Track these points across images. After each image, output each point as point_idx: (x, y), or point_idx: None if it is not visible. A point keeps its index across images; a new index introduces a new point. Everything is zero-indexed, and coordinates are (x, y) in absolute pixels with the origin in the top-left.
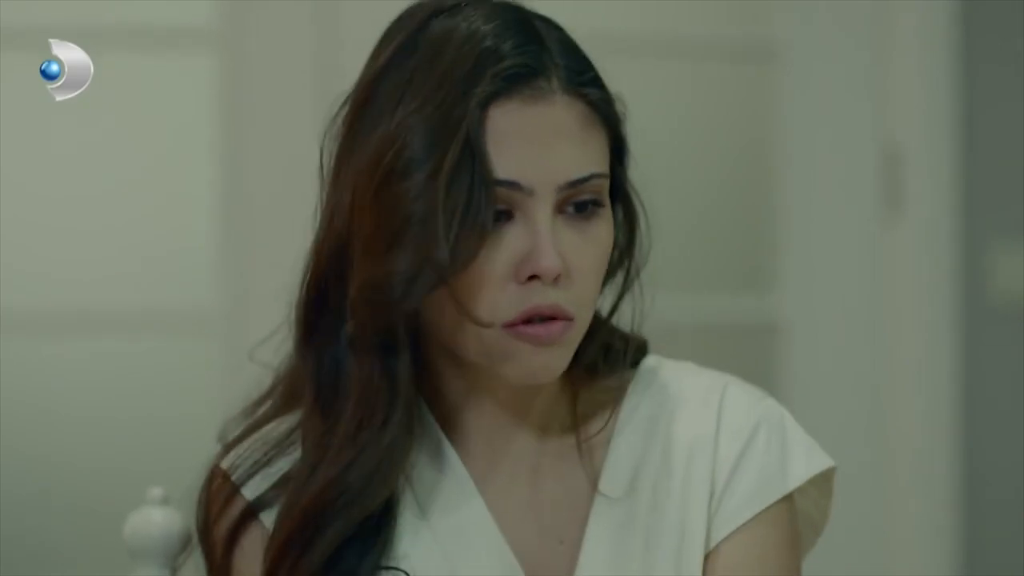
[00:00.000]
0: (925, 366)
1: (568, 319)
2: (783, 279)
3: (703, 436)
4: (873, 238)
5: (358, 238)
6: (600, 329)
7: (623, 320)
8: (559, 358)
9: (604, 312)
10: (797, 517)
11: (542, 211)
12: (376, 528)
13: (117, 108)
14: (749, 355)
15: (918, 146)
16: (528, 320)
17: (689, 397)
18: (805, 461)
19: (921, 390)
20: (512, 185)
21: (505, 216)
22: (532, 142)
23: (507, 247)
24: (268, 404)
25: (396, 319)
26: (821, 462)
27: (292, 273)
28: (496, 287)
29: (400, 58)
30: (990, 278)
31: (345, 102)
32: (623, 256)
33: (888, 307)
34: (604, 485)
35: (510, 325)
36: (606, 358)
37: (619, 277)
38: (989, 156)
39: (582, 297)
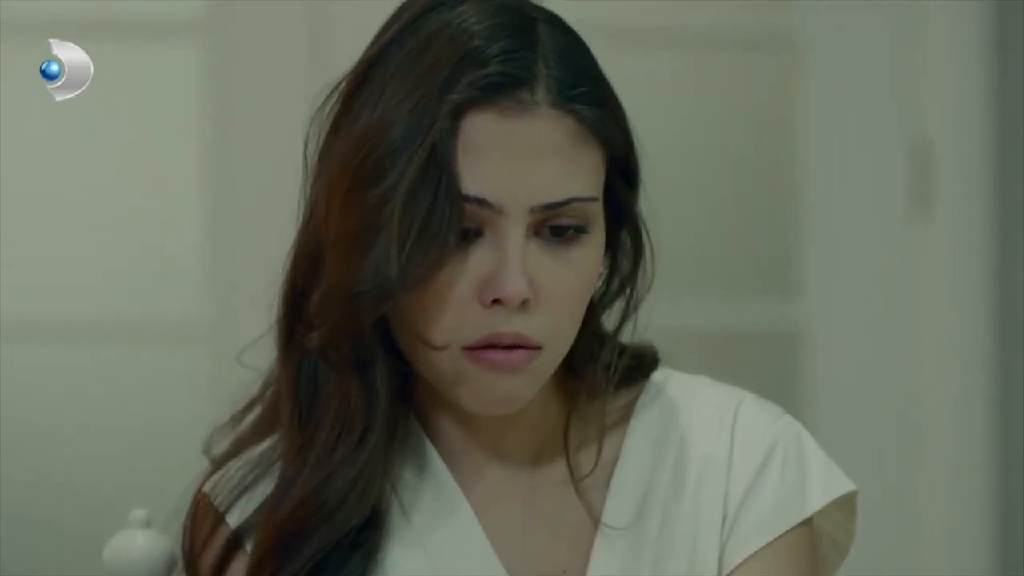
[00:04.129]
0: (958, 376)
1: (534, 348)
2: (806, 284)
3: (716, 456)
4: (902, 239)
5: (328, 242)
6: (604, 348)
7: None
8: (523, 387)
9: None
10: (816, 542)
11: (512, 232)
12: (355, 544)
13: (96, 105)
14: (769, 365)
15: (950, 140)
16: (489, 345)
17: (701, 414)
18: (824, 484)
19: (955, 402)
20: (480, 202)
21: (474, 234)
22: (506, 158)
23: (472, 267)
24: (257, 410)
25: (362, 329)
26: (841, 486)
27: (281, 280)
28: (458, 308)
29: (392, 48)
30: None
31: (335, 88)
32: (624, 284)
33: (919, 313)
34: (609, 516)
35: (469, 348)
36: (615, 378)
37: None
38: None
39: (554, 325)
